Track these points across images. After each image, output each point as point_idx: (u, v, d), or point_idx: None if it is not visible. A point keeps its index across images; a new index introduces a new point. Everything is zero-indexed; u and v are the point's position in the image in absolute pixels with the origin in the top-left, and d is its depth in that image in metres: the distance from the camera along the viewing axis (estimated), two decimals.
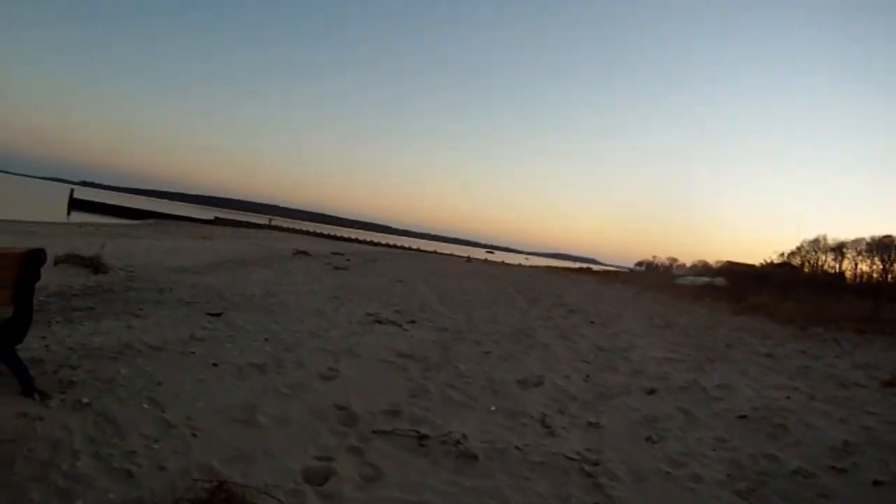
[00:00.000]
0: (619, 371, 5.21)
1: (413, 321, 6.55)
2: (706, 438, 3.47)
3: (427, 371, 4.35)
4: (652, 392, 4.48)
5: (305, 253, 16.29)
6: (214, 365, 3.64)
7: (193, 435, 2.58)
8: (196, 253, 12.01)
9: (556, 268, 39.31)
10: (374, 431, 2.96)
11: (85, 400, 2.76)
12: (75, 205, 36.27)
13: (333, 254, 18.73)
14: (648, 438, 3.38)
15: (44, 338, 3.61)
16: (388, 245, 50.83)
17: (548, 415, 3.62)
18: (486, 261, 41.80)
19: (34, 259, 2.85)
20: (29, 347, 3.22)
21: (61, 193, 40.23)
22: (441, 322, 6.81)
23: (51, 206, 34.73)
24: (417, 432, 2.99)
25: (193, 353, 3.86)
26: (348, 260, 16.58)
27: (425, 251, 48.20)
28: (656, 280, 29.58)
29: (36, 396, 2.69)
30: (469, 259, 37.34)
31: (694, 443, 3.38)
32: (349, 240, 46.86)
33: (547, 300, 11.70)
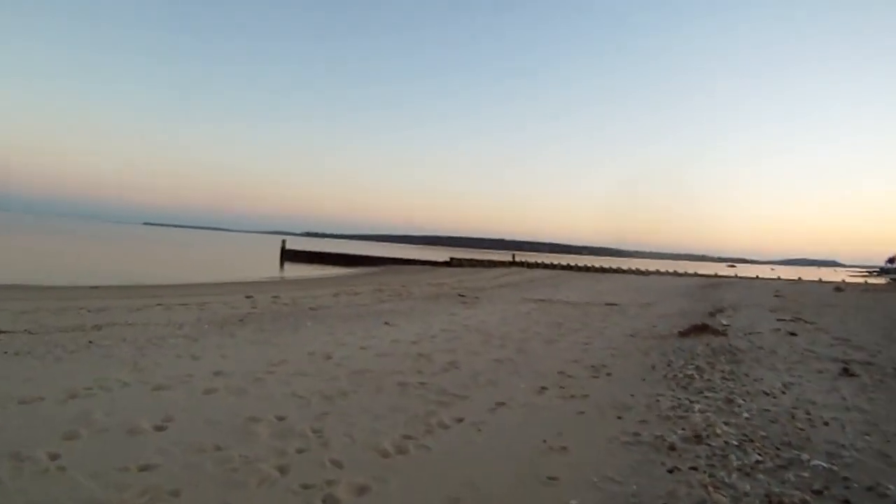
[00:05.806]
0: None
1: None
2: None
3: None
4: None
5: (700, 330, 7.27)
6: None
7: None
8: (478, 384, 4.52)
9: None
10: None
11: None
12: (288, 256, 34.70)
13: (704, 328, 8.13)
14: None
15: None
16: (637, 271, 40.93)
17: None
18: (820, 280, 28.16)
19: None
20: None
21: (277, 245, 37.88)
22: None
23: (268, 260, 34.46)
24: None
25: None
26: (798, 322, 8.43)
27: (681, 274, 39.83)
28: None
29: None
30: (841, 288, 21.47)
31: None
32: (597, 270, 40.09)
33: None
